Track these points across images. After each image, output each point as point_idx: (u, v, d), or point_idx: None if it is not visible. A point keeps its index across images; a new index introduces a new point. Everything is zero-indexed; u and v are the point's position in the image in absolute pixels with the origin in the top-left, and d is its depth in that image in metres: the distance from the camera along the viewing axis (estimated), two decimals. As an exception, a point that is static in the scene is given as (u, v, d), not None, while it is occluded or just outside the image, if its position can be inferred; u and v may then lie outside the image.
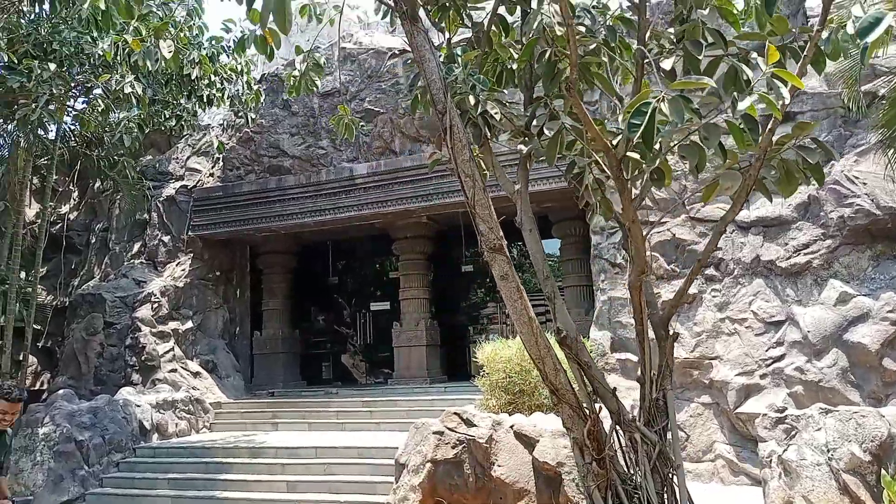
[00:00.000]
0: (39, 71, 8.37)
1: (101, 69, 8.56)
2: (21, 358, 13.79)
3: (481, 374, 9.18)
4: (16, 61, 8.47)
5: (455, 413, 8.16)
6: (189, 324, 14.30)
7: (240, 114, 12.12)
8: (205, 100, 10.04)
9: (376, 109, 13.53)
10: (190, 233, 14.84)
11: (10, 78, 8.80)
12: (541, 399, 8.44)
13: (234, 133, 14.87)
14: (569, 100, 4.72)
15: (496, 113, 5.26)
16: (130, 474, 10.58)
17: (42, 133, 11.84)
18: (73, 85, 8.59)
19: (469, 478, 7.81)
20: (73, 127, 13.41)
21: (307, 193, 13.87)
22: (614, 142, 4.32)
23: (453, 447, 7.93)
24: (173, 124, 10.12)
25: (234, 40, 10.24)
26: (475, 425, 7.99)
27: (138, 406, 11.55)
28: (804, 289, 9.68)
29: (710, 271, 10.41)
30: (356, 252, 17.69)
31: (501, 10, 5.07)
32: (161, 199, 15.40)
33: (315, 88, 7.70)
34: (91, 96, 8.41)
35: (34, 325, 14.06)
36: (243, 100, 11.39)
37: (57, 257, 16.63)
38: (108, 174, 14.51)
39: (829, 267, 9.59)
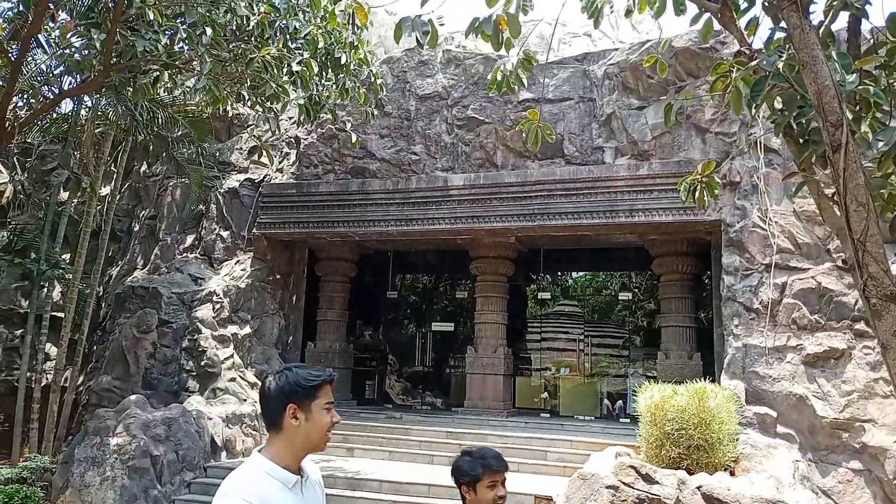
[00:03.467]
0: (185, 35, 7.30)
1: (256, 40, 7.53)
2: (46, 349, 12.45)
3: (640, 419, 8.24)
4: (159, 21, 7.37)
5: (631, 466, 7.21)
6: (247, 329, 13.10)
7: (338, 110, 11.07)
8: (344, 88, 9.03)
9: (480, 118, 12.64)
10: (255, 230, 13.70)
11: (137, 41, 7.70)
12: (717, 457, 7.55)
13: (315, 128, 13.81)
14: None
15: (867, 133, 4.45)
16: (205, 497, 9.34)
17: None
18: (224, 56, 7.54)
19: (650, 543, 6.86)
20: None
21: (394, 200, 12.89)
22: None
23: (631, 506, 6.98)
24: (314, 113, 9.04)
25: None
26: (656, 482, 7.06)
27: (210, 419, 10.34)
28: (976, 356, 9.00)
29: (861, 326, 9.68)
30: (419, 266, 16.67)
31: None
32: (222, 190, 14.23)
33: (521, 85, 6.77)
34: (245, 70, 7.38)
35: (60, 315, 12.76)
36: (359, 92, 10.38)
37: (93, 242, 15.29)
38: (173, 157, 13.34)
39: None
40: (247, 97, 8.46)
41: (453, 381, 16.48)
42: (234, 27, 7.63)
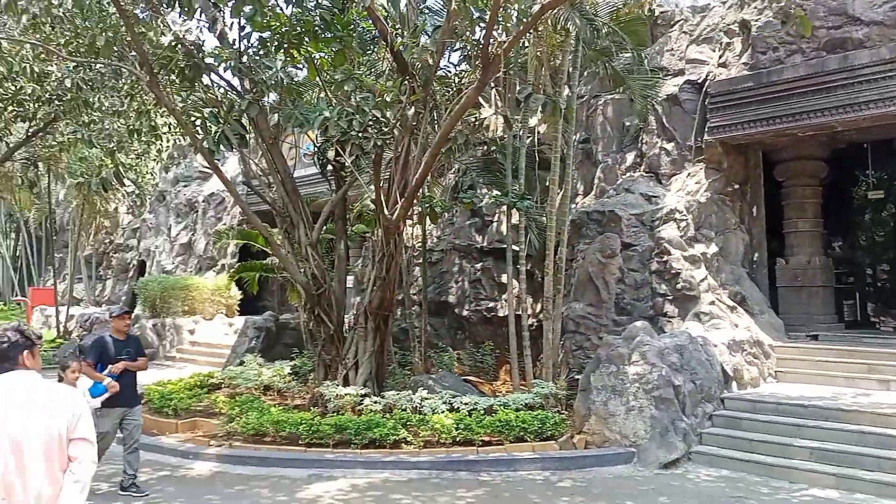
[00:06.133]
0: None
1: None
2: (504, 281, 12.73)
3: None
4: None
5: None
6: (713, 247, 11.77)
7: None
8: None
9: None
10: (706, 136, 12.17)
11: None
12: None
13: (767, 5, 11.60)
14: None
15: None
16: (734, 432, 8.42)
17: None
18: None
19: None
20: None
21: (892, 72, 10.11)
22: None
23: None
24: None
25: None
26: None
27: (714, 346, 9.36)
28: None
29: None
30: (906, 156, 13.44)
31: None
32: (659, 99, 12.97)
33: None
34: None
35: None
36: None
37: (531, 172, 15.40)
38: (610, 69, 12.45)
39: None
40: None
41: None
42: None
